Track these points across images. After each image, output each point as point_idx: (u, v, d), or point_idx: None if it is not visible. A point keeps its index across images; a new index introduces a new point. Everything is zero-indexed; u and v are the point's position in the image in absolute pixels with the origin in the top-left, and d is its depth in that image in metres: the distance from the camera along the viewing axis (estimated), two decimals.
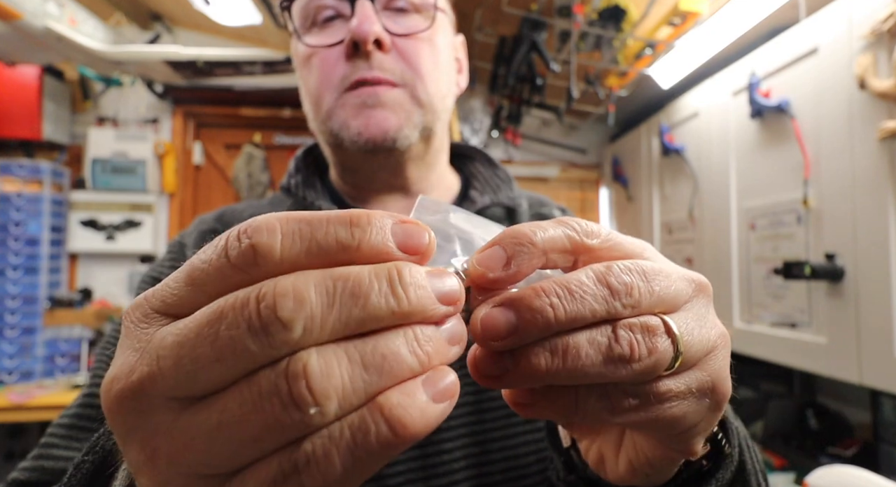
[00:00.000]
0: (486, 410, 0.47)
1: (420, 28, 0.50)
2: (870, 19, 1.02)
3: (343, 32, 0.48)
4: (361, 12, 0.46)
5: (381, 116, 0.48)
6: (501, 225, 0.25)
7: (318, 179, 0.58)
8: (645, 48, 1.66)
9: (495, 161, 0.62)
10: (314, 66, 0.50)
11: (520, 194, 0.59)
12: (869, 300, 1.03)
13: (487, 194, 0.57)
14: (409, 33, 0.49)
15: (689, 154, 1.74)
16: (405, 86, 0.49)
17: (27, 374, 2.09)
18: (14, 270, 2.10)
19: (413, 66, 0.49)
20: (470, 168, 0.62)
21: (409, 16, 0.50)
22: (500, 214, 0.57)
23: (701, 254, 1.66)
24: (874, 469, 1.02)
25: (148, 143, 2.32)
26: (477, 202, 0.55)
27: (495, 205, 0.56)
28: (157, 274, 0.54)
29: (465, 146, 0.64)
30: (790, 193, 1.26)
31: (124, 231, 2.31)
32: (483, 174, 0.61)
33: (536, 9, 1.51)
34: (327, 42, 0.49)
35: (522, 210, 0.57)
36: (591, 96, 1.93)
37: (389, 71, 0.48)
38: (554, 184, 2.65)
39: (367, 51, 0.47)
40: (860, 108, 1.05)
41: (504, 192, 0.57)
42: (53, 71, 2.26)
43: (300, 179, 0.56)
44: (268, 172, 2.52)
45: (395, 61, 0.49)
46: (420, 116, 0.50)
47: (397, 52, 0.49)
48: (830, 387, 1.56)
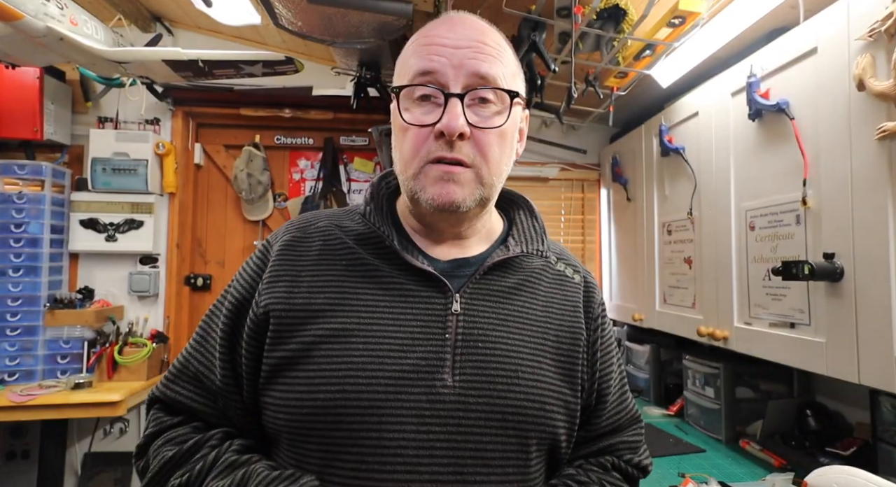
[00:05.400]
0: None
1: (496, 124, 0.61)
2: (868, 20, 1.02)
3: (435, 115, 0.59)
4: (452, 110, 0.58)
5: (452, 189, 0.59)
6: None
7: (388, 209, 0.69)
8: (645, 48, 1.66)
9: (536, 211, 0.75)
10: (409, 137, 0.61)
11: (548, 246, 0.72)
12: (868, 300, 1.03)
13: (521, 244, 0.69)
14: (484, 127, 0.60)
15: (688, 154, 1.74)
16: (474, 168, 0.60)
17: (28, 374, 2.10)
18: (15, 270, 2.10)
19: (483, 154, 0.60)
20: (515, 214, 0.74)
21: (490, 107, 0.61)
22: (527, 261, 0.69)
23: (700, 254, 1.66)
24: (873, 469, 1.02)
25: (148, 144, 2.32)
26: (510, 250, 0.67)
27: (524, 255, 0.68)
28: (241, 272, 0.67)
29: (515, 194, 0.76)
30: (789, 193, 1.26)
31: (125, 231, 2.31)
32: (523, 223, 0.72)
33: (536, 9, 1.51)
34: (423, 121, 0.60)
35: (551, 260, 0.71)
36: (591, 96, 1.93)
37: (465, 155, 0.60)
38: (554, 184, 2.66)
39: (451, 140, 0.58)
40: (859, 109, 1.06)
41: (535, 244, 0.70)
42: (54, 71, 2.26)
43: (373, 208, 0.68)
44: (268, 172, 2.53)
45: (471, 148, 0.60)
46: (480, 191, 0.62)
47: (474, 139, 0.60)
48: (829, 387, 1.57)
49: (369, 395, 0.55)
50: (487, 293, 0.63)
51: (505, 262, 0.66)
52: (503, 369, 0.59)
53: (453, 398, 0.57)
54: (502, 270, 0.66)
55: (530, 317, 0.64)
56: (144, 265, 2.41)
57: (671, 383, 2.10)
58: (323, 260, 0.64)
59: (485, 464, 0.56)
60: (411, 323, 0.59)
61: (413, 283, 0.62)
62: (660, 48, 1.66)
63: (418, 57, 0.60)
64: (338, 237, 0.65)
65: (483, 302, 0.63)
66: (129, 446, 2.38)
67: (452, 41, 0.60)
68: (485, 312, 0.62)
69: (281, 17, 1.62)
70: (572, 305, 0.68)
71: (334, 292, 0.61)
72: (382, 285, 0.61)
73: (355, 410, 0.55)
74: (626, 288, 2.33)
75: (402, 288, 0.61)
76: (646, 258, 2.07)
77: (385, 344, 0.58)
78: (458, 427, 0.56)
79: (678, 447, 1.58)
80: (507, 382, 0.59)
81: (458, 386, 0.57)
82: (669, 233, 1.89)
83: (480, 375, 0.58)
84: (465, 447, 0.56)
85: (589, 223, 2.68)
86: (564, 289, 0.69)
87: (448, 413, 0.56)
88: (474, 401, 0.57)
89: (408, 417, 0.55)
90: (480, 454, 0.56)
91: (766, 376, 1.65)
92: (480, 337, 0.60)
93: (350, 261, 0.63)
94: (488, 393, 0.58)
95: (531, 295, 0.66)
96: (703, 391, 1.73)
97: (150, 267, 2.41)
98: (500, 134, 0.61)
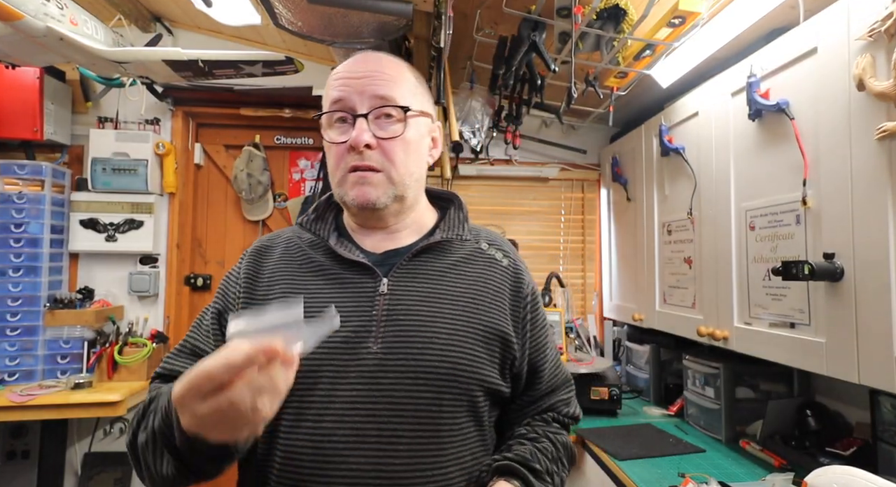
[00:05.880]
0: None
1: (397, 133, 0.75)
2: (868, 20, 1.02)
3: (349, 134, 0.74)
4: (359, 127, 0.73)
5: (367, 190, 0.75)
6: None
7: (332, 216, 0.85)
8: (645, 48, 1.66)
9: (462, 204, 0.89)
10: (332, 153, 0.77)
11: (476, 234, 0.87)
12: (868, 300, 1.03)
13: (445, 232, 0.83)
14: (388, 137, 0.75)
15: (688, 154, 1.74)
16: (383, 171, 0.75)
17: (28, 374, 2.10)
18: (15, 270, 2.10)
19: (389, 159, 0.75)
20: (448, 210, 0.88)
21: (392, 121, 0.76)
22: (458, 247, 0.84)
23: (700, 254, 1.66)
24: (873, 469, 1.02)
25: (148, 144, 2.32)
26: (434, 237, 0.81)
27: (445, 241, 0.82)
28: (227, 274, 0.84)
29: (446, 193, 0.91)
30: (789, 193, 1.26)
31: (125, 231, 2.31)
32: (451, 215, 0.87)
33: (536, 9, 1.52)
34: (339, 139, 0.76)
35: (482, 246, 0.85)
36: (591, 96, 1.93)
37: (374, 161, 0.75)
38: (554, 184, 2.66)
39: (360, 151, 0.73)
40: (859, 109, 1.06)
41: (455, 231, 0.84)
42: (54, 71, 2.26)
43: (313, 217, 0.85)
44: (268, 172, 2.53)
45: (378, 155, 0.75)
46: (392, 190, 0.76)
47: (380, 148, 0.75)
48: (829, 387, 1.57)
49: (310, 362, 0.68)
50: (413, 275, 0.77)
51: (432, 248, 0.80)
52: (420, 336, 0.72)
53: (375, 361, 0.70)
54: (431, 255, 0.80)
55: (454, 294, 0.77)
56: (144, 265, 2.41)
57: (671, 383, 2.10)
58: (281, 261, 0.80)
59: (398, 414, 0.69)
60: (345, 304, 0.73)
61: (349, 273, 0.76)
62: (660, 48, 1.66)
63: (332, 89, 0.77)
64: (296, 244, 0.83)
65: (409, 283, 0.76)
66: None
67: (357, 73, 0.75)
68: (409, 291, 0.75)
69: (281, 17, 1.62)
70: (498, 284, 0.81)
71: (287, 285, 0.77)
72: (325, 277, 0.77)
73: (303, 374, 0.64)
74: (626, 288, 2.33)
75: (340, 277, 0.76)
76: (646, 258, 2.07)
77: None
78: (378, 385, 0.69)
79: (678, 447, 1.58)
80: (421, 347, 0.71)
81: (380, 351, 0.70)
82: (669, 233, 1.89)
83: (399, 342, 0.71)
84: (381, 401, 0.69)
85: (589, 223, 2.68)
86: (493, 271, 0.83)
87: (370, 374, 0.70)
88: (392, 364, 0.70)
89: (338, 378, 0.69)
90: (395, 406, 0.69)
91: (766, 376, 1.65)
92: (402, 312, 0.73)
93: (302, 262, 0.80)
94: (404, 356, 0.71)
95: (458, 275, 0.79)
96: (703, 391, 1.73)
97: (150, 267, 2.41)
98: (402, 141, 0.76)
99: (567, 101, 1.69)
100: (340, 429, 0.68)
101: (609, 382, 1.96)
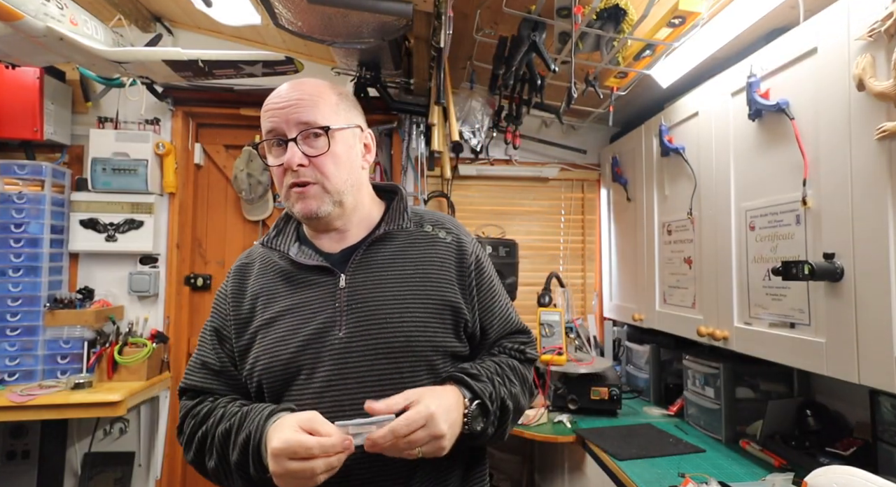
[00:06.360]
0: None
1: (323, 150, 0.86)
2: (868, 20, 1.02)
3: (284, 158, 0.85)
4: (290, 151, 0.85)
5: (307, 203, 0.87)
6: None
7: (293, 228, 0.98)
8: (645, 48, 1.66)
9: (403, 194, 1.00)
10: (275, 173, 0.89)
11: (420, 219, 0.97)
12: (868, 300, 1.03)
13: (388, 224, 0.93)
14: (316, 154, 0.85)
15: (688, 154, 1.74)
16: (318, 184, 0.86)
17: (28, 374, 2.10)
18: (15, 270, 2.10)
19: (322, 172, 0.86)
20: (392, 201, 0.98)
21: (319, 139, 0.86)
22: (402, 234, 0.94)
23: (700, 254, 1.66)
24: (873, 469, 1.02)
25: (148, 144, 2.32)
26: (379, 231, 0.92)
27: (391, 232, 0.92)
28: (217, 293, 0.97)
29: (389, 185, 1.02)
30: (789, 193, 1.26)
31: (125, 231, 2.31)
32: (393, 206, 0.96)
33: (536, 9, 1.52)
34: (276, 162, 0.87)
35: (426, 229, 0.96)
36: (591, 96, 1.93)
37: (308, 177, 0.86)
38: (554, 184, 2.66)
39: (295, 169, 0.85)
40: (858, 109, 1.06)
41: (397, 221, 0.94)
42: (54, 71, 2.26)
43: (273, 234, 0.97)
44: (268, 172, 2.53)
45: (311, 171, 0.86)
46: (329, 198, 0.87)
47: (312, 165, 0.85)
48: (829, 387, 1.57)
49: (290, 355, 0.84)
50: (367, 268, 0.89)
51: (380, 240, 0.91)
52: (376, 319, 0.84)
53: (342, 345, 0.83)
54: (380, 246, 0.91)
55: (403, 276, 0.88)
56: (144, 265, 2.41)
57: (671, 383, 2.10)
58: (259, 276, 0.93)
59: (366, 385, 0.82)
60: (313, 302, 0.87)
61: (313, 275, 0.89)
62: (660, 48, 1.66)
63: (264, 120, 0.88)
64: (268, 258, 0.95)
65: (363, 275, 0.88)
66: (130, 446, 2.38)
67: (281, 104, 0.87)
68: (364, 282, 0.87)
69: (281, 17, 1.62)
70: (442, 259, 0.92)
71: (266, 295, 0.90)
72: (293, 283, 0.90)
73: (285, 365, 0.83)
74: (626, 288, 2.33)
75: (306, 280, 0.89)
76: (646, 258, 2.07)
77: (297, 319, 0.86)
78: (346, 364, 0.82)
79: (678, 447, 1.58)
80: (378, 327, 0.84)
81: (345, 336, 0.83)
82: (669, 233, 1.89)
83: (360, 327, 0.84)
84: (351, 377, 0.82)
85: (589, 223, 2.68)
86: (436, 248, 0.93)
87: (339, 357, 0.83)
88: (356, 346, 0.83)
89: (314, 363, 0.83)
90: (362, 379, 0.82)
91: (766, 376, 1.65)
92: (360, 300, 0.86)
93: (275, 273, 0.92)
94: (365, 338, 0.83)
95: (405, 259, 0.90)
96: (703, 391, 1.73)
97: (150, 267, 2.41)
98: (330, 155, 0.86)
99: (567, 101, 1.69)
100: (321, 404, 0.81)
101: (609, 382, 1.96)
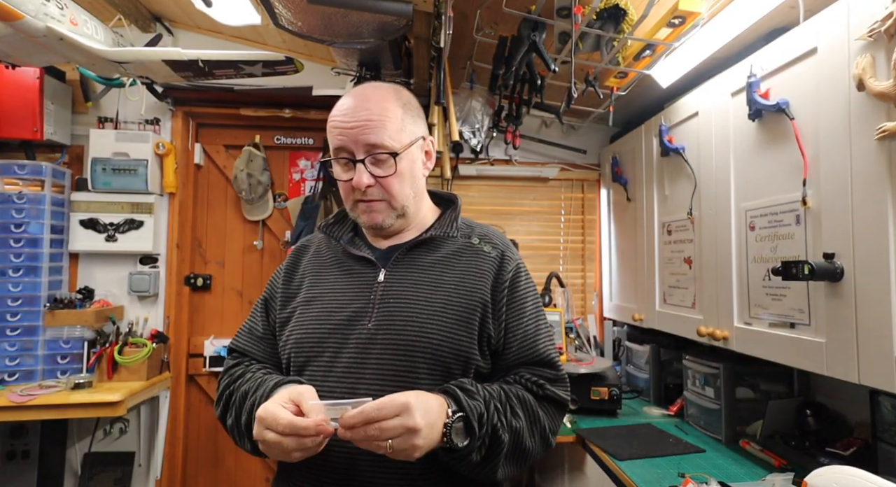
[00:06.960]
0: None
1: (390, 172, 0.89)
2: (868, 20, 1.02)
3: (352, 173, 0.90)
4: (359, 170, 0.88)
5: (374, 216, 0.92)
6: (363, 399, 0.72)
7: (352, 221, 1.01)
8: (645, 48, 1.66)
9: (459, 205, 1.04)
10: (342, 186, 0.93)
11: (470, 230, 1.00)
12: (868, 300, 1.03)
13: (436, 230, 0.97)
14: (384, 175, 0.89)
15: (688, 154, 1.74)
16: (383, 201, 0.91)
17: (28, 374, 2.10)
18: (15, 270, 2.10)
19: (388, 192, 0.90)
20: (447, 210, 1.03)
21: (386, 161, 0.89)
22: (450, 242, 0.98)
23: (700, 255, 1.66)
24: (873, 469, 1.02)
25: (148, 144, 2.32)
26: (426, 235, 0.96)
27: (436, 237, 0.96)
28: (274, 273, 1.05)
29: (447, 195, 1.07)
30: (789, 193, 1.26)
31: (125, 231, 2.31)
32: (446, 214, 1.01)
33: (536, 9, 1.51)
34: (345, 178, 0.91)
35: (474, 241, 0.98)
36: (591, 96, 1.93)
37: (374, 195, 0.91)
38: (554, 184, 2.66)
39: (362, 189, 0.89)
40: (858, 109, 1.06)
41: (444, 229, 0.97)
42: (54, 71, 2.26)
43: (332, 221, 1.04)
44: (268, 172, 2.53)
45: (378, 190, 0.90)
46: (394, 213, 0.93)
47: (379, 184, 0.90)
48: (829, 387, 1.57)
49: (321, 335, 0.89)
50: (407, 267, 0.92)
51: (426, 243, 0.95)
52: (403, 317, 0.87)
53: (368, 336, 0.86)
54: (425, 249, 0.95)
55: (439, 282, 0.91)
56: (144, 265, 2.41)
57: (671, 383, 2.10)
58: (312, 258, 1.01)
59: (382, 378, 0.84)
60: (352, 290, 0.92)
61: (358, 265, 0.95)
62: (660, 48, 1.66)
63: (332, 136, 0.90)
64: (324, 242, 1.03)
65: (402, 273, 0.92)
66: (129, 446, 2.38)
67: (349, 124, 0.88)
68: (401, 280, 0.91)
69: (281, 17, 1.62)
70: (481, 273, 0.93)
71: (313, 275, 0.97)
72: (339, 269, 0.96)
73: (314, 344, 0.89)
74: (626, 288, 2.33)
75: (351, 269, 0.95)
76: (646, 258, 2.07)
77: (335, 304, 0.91)
78: (369, 355, 0.86)
79: (678, 447, 1.58)
80: (403, 325, 0.86)
81: (373, 328, 0.87)
82: (669, 233, 1.89)
83: (387, 321, 0.87)
84: (370, 366, 0.85)
85: (589, 223, 2.68)
86: (478, 261, 0.94)
87: (364, 346, 0.86)
88: (380, 338, 0.86)
89: (340, 348, 0.87)
90: (380, 372, 0.85)
91: (766, 376, 1.65)
92: (393, 297, 0.89)
93: (325, 257, 0.99)
94: (389, 333, 0.86)
95: (444, 265, 0.93)
96: (703, 391, 1.73)
97: (150, 267, 2.41)
98: (396, 176, 0.90)
99: (567, 101, 1.69)
100: (339, 388, 0.85)
101: (609, 382, 1.96)
